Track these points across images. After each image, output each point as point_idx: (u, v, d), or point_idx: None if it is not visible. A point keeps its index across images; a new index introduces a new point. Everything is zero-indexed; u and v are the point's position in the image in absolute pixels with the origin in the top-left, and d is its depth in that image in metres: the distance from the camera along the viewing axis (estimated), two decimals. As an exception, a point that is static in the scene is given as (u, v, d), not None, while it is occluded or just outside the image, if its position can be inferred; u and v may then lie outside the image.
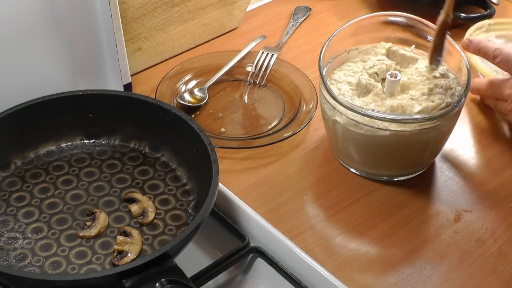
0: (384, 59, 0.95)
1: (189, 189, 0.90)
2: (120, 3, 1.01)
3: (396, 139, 0.89)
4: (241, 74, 1.12)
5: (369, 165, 0.95)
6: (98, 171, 0.92)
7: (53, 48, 0.95)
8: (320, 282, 0.80)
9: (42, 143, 0.94)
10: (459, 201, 0.93)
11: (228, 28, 1.22)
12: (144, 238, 0.84)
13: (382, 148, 0.91)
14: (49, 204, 0.88)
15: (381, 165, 0.94)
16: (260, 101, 1.08)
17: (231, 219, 0.88)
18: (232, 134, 1.02)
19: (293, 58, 1.15)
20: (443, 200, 0.93)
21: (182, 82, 1.09)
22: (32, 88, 0.93)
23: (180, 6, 1.12)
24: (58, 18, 0.93)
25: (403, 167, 0.95)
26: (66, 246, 0.83)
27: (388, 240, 0.87)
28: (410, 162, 0.94)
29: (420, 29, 0.97)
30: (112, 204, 0.88)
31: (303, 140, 1.02)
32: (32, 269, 0.80)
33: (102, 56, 0.99)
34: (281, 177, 0.96)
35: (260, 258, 0.85)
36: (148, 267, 0.73)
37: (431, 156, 0.96)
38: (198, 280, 0.80)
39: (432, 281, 0.83)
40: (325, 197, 0.93)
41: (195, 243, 0.87)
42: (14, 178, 0.91)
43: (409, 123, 0.87)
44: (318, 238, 0.88)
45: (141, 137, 0.95)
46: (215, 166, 0.84)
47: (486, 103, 1.05)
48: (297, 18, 1.26)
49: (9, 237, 0.83)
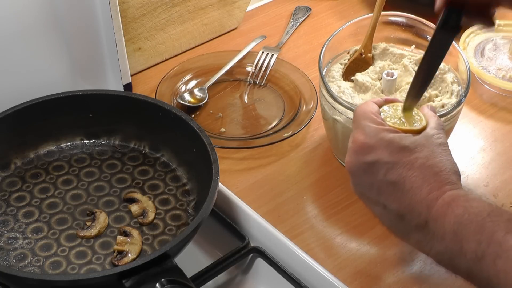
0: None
1: (189, 189, 0.90)
2: (120, 3, 1.01)
3: (396, 139, 0.89)
4: (241, 74, 1.12)
5: (369, 165, 0.94)
6: (98, 171, 0.92)
7: (53, 48, 0.95)
8: (320, 282, 0.80)
9: (42, 143, 0.94)
10: (459, 201, 0.93)
11: (228, 28, 1.22)
12: (144, 238, 0.84)
13: (382, 148, 0.91)
14: (49, 204, 0.88)
15: (381, 165, 0.94)
16: (260, 101, 1.08)
17: (231, 219, 0.88)
18: (232, 134, 1.02)
19: (293, 58, 1.15)
20: (443, 200, 0.93)
21: (182, 82, 1.09)
22: (32, 88, 0.93)
23: (180, 6, 1.12)
24: (58, 18, 0.93)
25: (403, 167, 0.94)
26: (66, 246, 0.83)
27: (388, 240, 0.87)
28: (410, 162, 0.94)
29: (420, 29, 0.97)
30: (112, 204, 0.88)
31: (303, 140, 1.01)
32: (32, 269, 0.80)
33: (102, 56, 0.99)
34: (281, 177, 0.96)
35: (260, 258, 0.85)
36: (148, 267, 0.73)
37: (431, 156, 0.95)
38: (198, 280, 0.80)
39: (432, 281, 0.83)
40: (325, 197, 0.93)
41: (195, 243, 0.87)
42: (14, 178, 0.91)
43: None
44: (318, 238, 0.88)
45: (141, 137, 0.95)
46: (215, 166, 0.84)
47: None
48: (297, 18, 1.26)
49: (9, 237, 0.83)
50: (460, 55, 0.93)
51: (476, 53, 1.13)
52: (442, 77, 0.93)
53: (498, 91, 1.10)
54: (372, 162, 0.68)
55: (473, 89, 1.09)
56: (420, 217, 0.66)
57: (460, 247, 0.63)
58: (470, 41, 1.14)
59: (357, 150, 0.70)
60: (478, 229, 0.62)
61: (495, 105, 1.08)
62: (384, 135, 0.69)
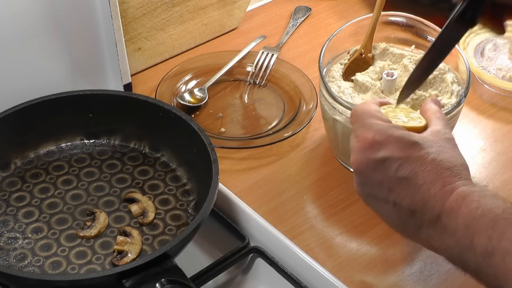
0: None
1: (189, 189, 0.90)
2: (120, 3, 1.01)
3: (396, 139, 0.89)
4: (241, 74, 1.12)
5: (369, 165, 0.94)
6: (98, 171, 0.92)
7: (53, 48, 0.95)
8: (320, 282, 0.80)
9: (42, 143, 0.94)
10: (459, 201, 0.93)
11: (228, 28, 1.22)
12: (144, 238, 0.84)
13: (382, 148, 0.91)
14: (49, 204, 0.88)
15: (381, 165, 0.94)
16: (260, 101, 1.08)
17: (231, 219, 0.88)
18: (232, 134, 1.02)
19: (293, 58, 1.15)
20: (443, 200, 0.93)
21: (182, 82, 1.09)
22: (32, 88, 0.93)
23: (180, 6, 1.12)
24: (58, 18, 0.93)
25: (403, 167, 0.94)
26: (66, 246, 0.83)
27: (388, 240, 0.87)
28: (410, 162, 0.94)
29: (420, 29, 0.97)
30: (112, 204, 0.88)
31: (303, 140, 1.01)
32: (32, 269, 0.80)
33: (102, 56, 0.99)
34: (281, 177, 0.96)
35: (260, 258, 0.85)
36: (148, 267, 0.73)
37: (431, 156, 0.95)
38: (198, 280, 0.80)
39: (432, 281, 0.83)
40: (325, 197, 0.93)
41: (195, 243, 0.87)
42: (14, 178, 0.91)
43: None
44: (318, 238, 0.88)
45: (141, 137, 0.95)
46: (215, 166, 0.84)
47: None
48: (297, 18, 1.26)
49: (9, 237, 0.83)
50: (460, 55, 0.93)
51: (476, 53, 1.13)
52: (442, 77, 0.93)
53: (498, 91, 1.09)
54: (383, 159, 0.68)
55: (473, 89, 1.09)
56: (433, 211, 0.65)
57: (470, 242, 0.62)
58: (470, 41, 1.14)
59: (365, 148, 0.69)
60: (491, 224, 0.61)
61: (495, 105, 1.08)
62: (393, 131, 0.69)
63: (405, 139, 0.68)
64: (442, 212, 0.65)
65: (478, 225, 0.62)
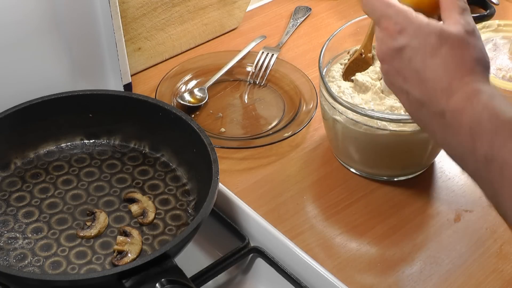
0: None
1: (189, 189, 0.90)
2: (120, 3, 1.01)
3: (396, 139, 0.89)
4: (241, 74, 1.12)
5: (369, 165, 0.95)
6: (98, 171, 0.92)
7: (53, 48, 0.95)
8: (320, 282, 0.80)
9: (42, 143, 0.94)
10: (459, 201, 0.93)
11: (228, 28, 1.22)
12: (144, 238, 0.84)
13: (382, 148, 0.91)
14: (49, 204, 0.88)
15: (381, 165, 0.94)
16: (260, 101, 1.08)
17: (231, 219, 0.88)
18: (232, 134, 1.02)
19: (293, 58, 1.15)
20: (443, 200, 0.93)
21: (182, 82, 1.09)
22: (32, 88, 0.93)
23: (180, 6, 1.12)
24: (58, 18, 0.93)
25: (403, 167, 0.95)
26: (66, 246, 0.83)
27: (388, 240, 0.87)
28: (410, 162, 0.94)
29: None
30: (112, 204, 0.88)
31: (303, 140, 1.02)
32: (32, 269, 0.80)
33: (102, 56, 0.99)
34: (281, 177, 0.96)
35: (260, 258, 0.85)
36: (148, 267, 0.73)
37: (431, 156, 0.96)
38: (198, 280, 0.80)
39: (432, 281, 0.83)
40: (325, 197, 0.93)
41: (195, 243, 0.87)
42: (14, 178, 0.91)
43: (409, 123, 0.87)
44: (318, 238, 0.88)
45: (141, 137, 0.95)
46: (215, 166, 0.84)
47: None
48: (297, 18, 1.26)
49: (9, 237, 0.83)
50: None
51: (476, 53, 1.12)
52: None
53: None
54: (400, 48, 0.67)
55: (473, 89, 1.09)
56: (438, 107, 0.65)
57: (472, 146, 0.61)
58: (470, 41, 1.14)
59: (385, 37, 0.69)
60: (495, 130, 0.60)
61: (495, 105, 1.08)
62: (412, 19, 0.67)
63: (422, 27, 0.67)
64: (446, 109, 0.64)
65: (481, 130, 0.61)
